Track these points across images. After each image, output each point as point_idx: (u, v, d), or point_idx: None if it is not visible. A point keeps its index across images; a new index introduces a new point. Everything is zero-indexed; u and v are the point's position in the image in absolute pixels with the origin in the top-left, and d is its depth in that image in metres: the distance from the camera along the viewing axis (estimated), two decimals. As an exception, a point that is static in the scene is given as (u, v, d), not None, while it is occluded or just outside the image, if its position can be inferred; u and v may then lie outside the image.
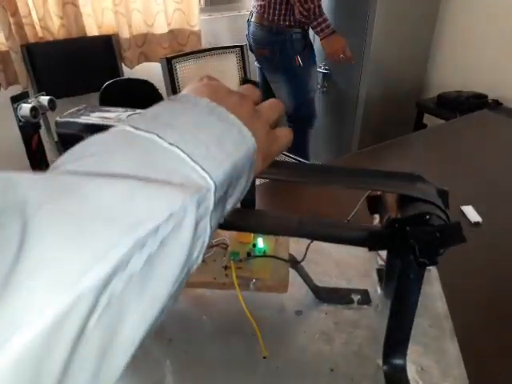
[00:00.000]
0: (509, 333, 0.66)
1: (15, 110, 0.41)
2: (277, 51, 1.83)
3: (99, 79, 1.98)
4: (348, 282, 0.56)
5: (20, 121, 0.42)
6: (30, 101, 0.43)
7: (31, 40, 1.93)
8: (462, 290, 0.73)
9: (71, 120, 0.39)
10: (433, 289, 0.54)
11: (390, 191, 0.43)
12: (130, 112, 0.41)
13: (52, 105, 0.44)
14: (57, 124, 0.39)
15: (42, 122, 0.46)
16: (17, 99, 0.42)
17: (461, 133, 1.37)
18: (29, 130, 0.43)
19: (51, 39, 1.98)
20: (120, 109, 0.42)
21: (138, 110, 0.41)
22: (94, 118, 0.39)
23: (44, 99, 0.43)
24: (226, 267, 0.47)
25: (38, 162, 0.46)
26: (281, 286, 0.46)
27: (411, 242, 0.37)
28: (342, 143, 2.42)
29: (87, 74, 2.01)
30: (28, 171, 0.46)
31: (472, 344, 0.62)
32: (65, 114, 0.40)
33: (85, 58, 2.02)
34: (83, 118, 0.40)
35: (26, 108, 0.41)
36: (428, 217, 0.37)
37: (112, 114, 0.40)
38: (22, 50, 1.89)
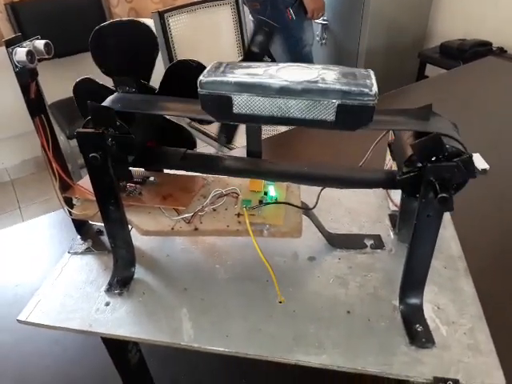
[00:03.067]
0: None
1: (10, 54, 0.39)
2: (267, 4, 1.75)
3: (88, 38, 1.90)
4: (360, 228, 0.55)
5: (16, 66, 0.39)
6: (25, 45, 0.40)
7: (15, -2, 1.84)
8: (471, 234, 0.73)
9: (219, 79, 0.35)
10: (447, 231, 0.54)
11: (405, 129, 0.41)
12: (275, 66, 0.37)
13: (48, 49, 0.41)
14: (201, 85, 0.35)
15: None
16: (11, 43, 0.39)
17: (465, 81, 1.34)
18: (26, 76, 0.41)
19: (36, -4, 1.88)
20: (261, 63, 0.38)
21: (283, 64, 0.38)
22: (242, 76, 0.36)
23: (40, 43, 0.41)
24: (238, 215, 0.46)
25: (38, 111, 0.43)
26: (295, 230, 0.45)
27: (431, 179, 0.36)
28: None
29: (75, 33, 1.92)
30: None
31: (484, 284, 0.63)
32: (204, 73, 0.36)
33: (72, 16, 1.92)
34: (230, 76, 0.36)
35: (21, 52, 0.39)
36: (449, 150, 0.36)
37: (259, 70, 0.37)
38: (7, 8, 1.80)
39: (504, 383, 0.37)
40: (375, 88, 0.34)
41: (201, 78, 0.36)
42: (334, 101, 0.34)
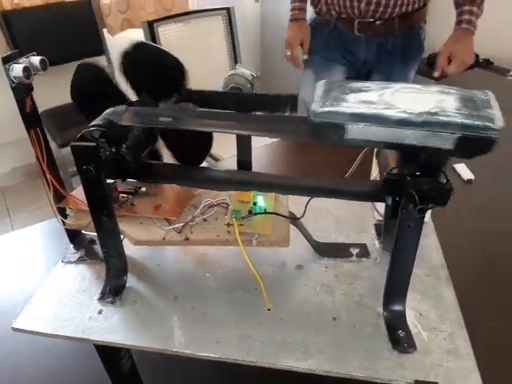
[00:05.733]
0: (497, 281, 0.69)
1: (7, 70, 0.40)
2: None
3: (80, 47, 1.91)
4: (346, 237, 0.57)
5: (13, 82, 0.41)
6: (21, 61, 0.41)
7: (7, 7, 1.85)
8: (455, 244, 0.75)
9: (334, 110, 0.35)
10: (429, 241, 0.56)
11: None
12: (388, 88, 0.36)
13: (43, 65, 0.43)
14: (315, 114, 0.35)
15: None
16: (8, 59, 0.40)
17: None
18: (22, 91, 0.42)
19: (28, 5, 1.89)
20: (372, 84, 0.37)
21: (396, 85, 0.36)
22: (357, 105, 0.35)
23: (35, 59, 0.42)
24: (228, 225, 0.48)
25: (34, 124, 0.45)
26: (283, 239, 0.47)
27: (411, 192, 0.38)
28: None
29: (68, 42, 1.94)
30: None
31: (465, 292, 0.64)
32: (315, 99, 0.35)
33: (64, 25, 1.94)
34: (345, 105, 0.35)
35: (18, 68, 0.40)
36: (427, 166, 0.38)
37: (372, 96, 0.35)
38: (-1, 17, 1.81)
39: (481, 386, 0.39)
40: (499, 121, 0.33)
41: (314, 107, 0.35)
42: (455, 133, 0.33)
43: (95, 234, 0.47)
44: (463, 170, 0.94)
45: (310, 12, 1.33)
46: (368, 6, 1.15)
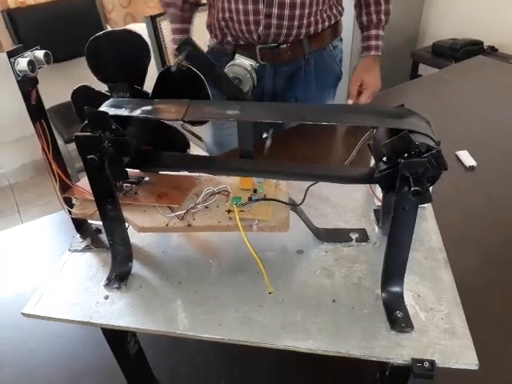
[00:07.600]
0: (500, 265, 0.70)
1: (12, 64, 0.42)
2: None
3: (85, 43, 1.93)
4: (346, 223, 0.58)
5: (18, 75, 0.42)
6: (26, 55, 0.43)
7: (12, 5, 1.87)
8: (458, 229, 0.76)
9: None
10: (428, 225, 0.56)
11: (379, 126, 0.44)
12: None
13: (48, 58, 0.44)
14: None
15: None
16: (13, 54, 0.42)
17: (456, 79, 1.37)
18: (27, 84, 0.44)
19: (33, 3, 1.91)
20: None
21: None
22: None
23: (40, 53, 0.44)
24: (229, 211, 0.49)
25: (39, 116, 0.46)
26: (282, 225, 0.48)
27: (404, 174, 0.39)
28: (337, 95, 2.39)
29: (72, 38, 1.95)
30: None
31: (468, 275, 0.65)
32: None
33: (69, 22, 1.96)
34: None
35: (23, 62, 0.41)
36: (419, 147, 0.39)
37: None
38: (4, 15, 1.83)
39: (476, 362, 0.40)
40: None
41: None
42: None
43: (101, 223, 0.48)
44: (465, 156, 0.94)
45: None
46: (268, 30, 0.98)
